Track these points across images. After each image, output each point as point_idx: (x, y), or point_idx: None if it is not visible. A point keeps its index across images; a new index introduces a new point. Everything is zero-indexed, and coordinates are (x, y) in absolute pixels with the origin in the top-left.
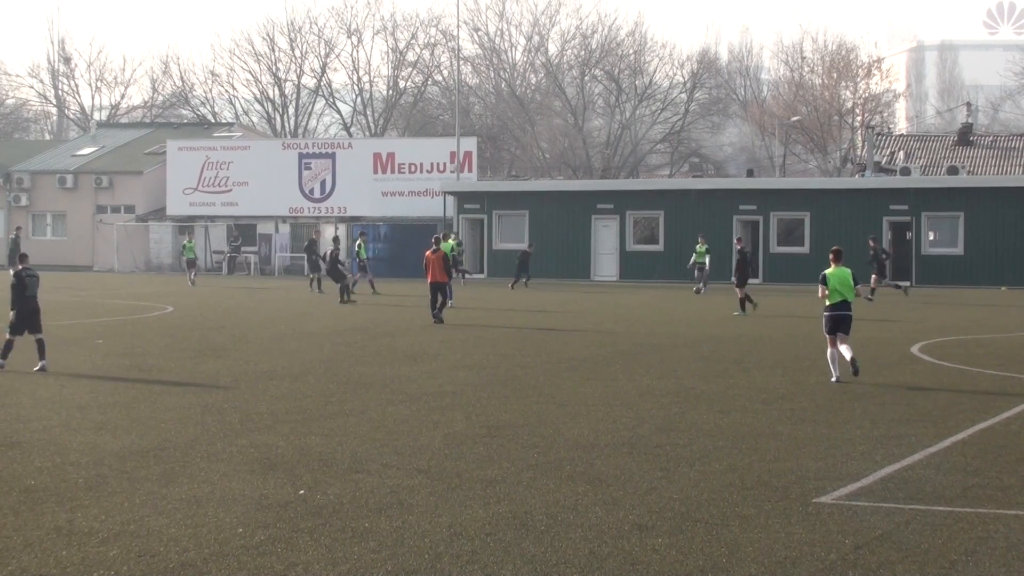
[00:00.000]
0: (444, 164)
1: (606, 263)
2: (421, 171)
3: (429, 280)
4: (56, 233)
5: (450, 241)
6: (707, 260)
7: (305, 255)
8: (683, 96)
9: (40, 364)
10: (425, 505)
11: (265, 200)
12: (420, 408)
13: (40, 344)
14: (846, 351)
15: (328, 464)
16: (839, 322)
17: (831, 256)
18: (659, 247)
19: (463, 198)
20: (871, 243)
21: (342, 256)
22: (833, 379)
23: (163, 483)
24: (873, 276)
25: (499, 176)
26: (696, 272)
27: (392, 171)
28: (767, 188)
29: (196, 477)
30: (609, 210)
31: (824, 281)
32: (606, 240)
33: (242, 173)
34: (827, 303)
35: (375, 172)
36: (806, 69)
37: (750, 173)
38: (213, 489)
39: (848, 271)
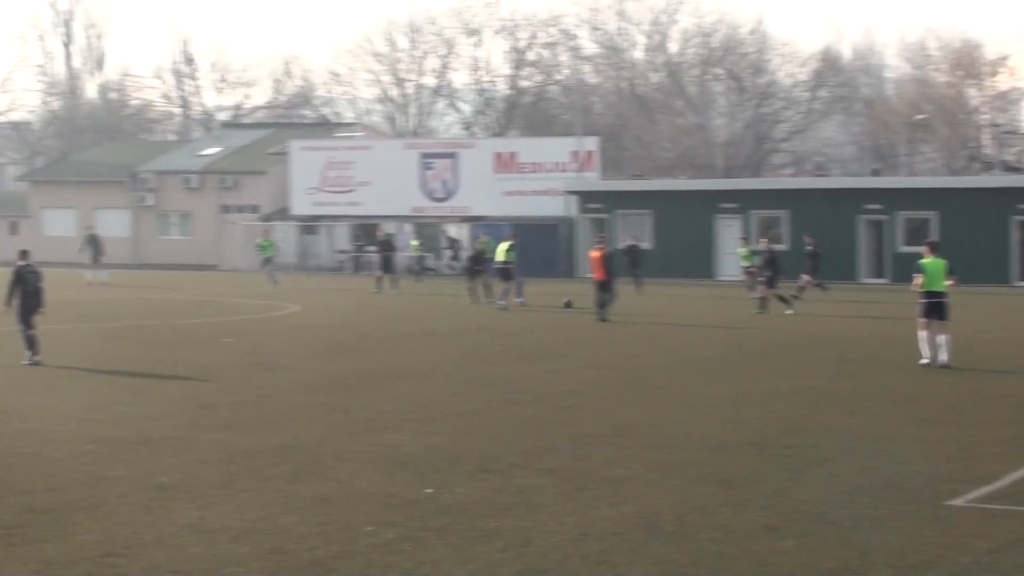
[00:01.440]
0: (566, 163)
1: (729, 262)
2: (543, 170)
3: (595, 279)
4: (182, 233)
5: (503, 244)
6: (753, 263)
7: (379, 254)
8: (806, 94)
9: (29, 358)
10: (552, 505)
11: (387, 200)
12: (546, 407)
13: (29, 339)
14: (944, 349)
15: (455, 463)
16: (933, 308)
17: (927, 248)
18: (783, 246)
19: (585, 197)
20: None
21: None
22: (924, 361)
23: (292, 481)
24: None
25: (621, 175)
26: (746, 276)
27: (514, 170)
28: (892, 187)
29: (324, 475)
30: (732, 209)
31: (920, 270)
32: (729, 239)
33: (364, 173)
34: (923, 290)
35: (497, 172)
36: (930, 67)
37: (875, 172)
38: (341, 487)
39: (943, 262)
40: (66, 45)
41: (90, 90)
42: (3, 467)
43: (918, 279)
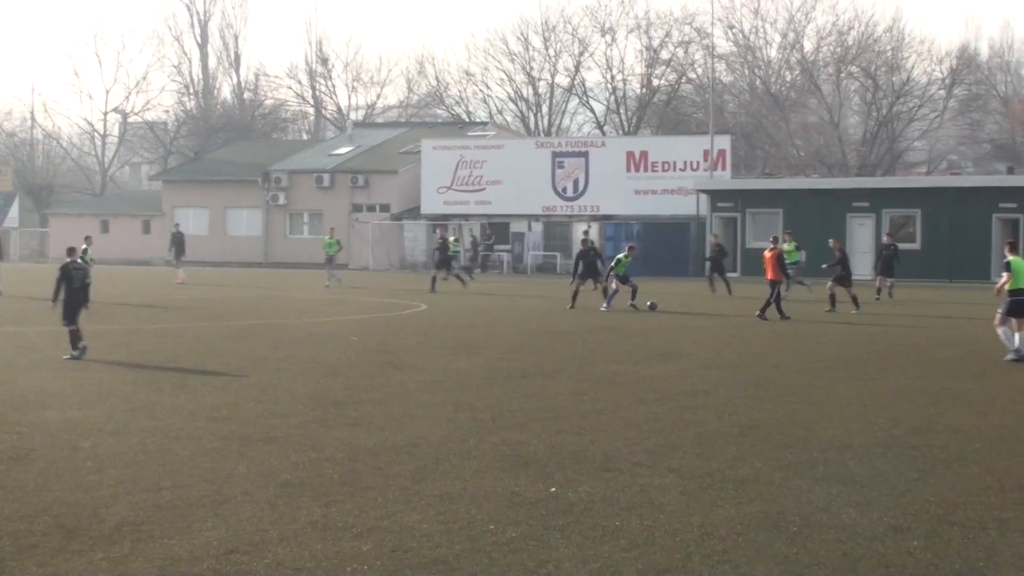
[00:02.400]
0: (697, 162)
1: (862, 262)
2: (674, 169)
3: (768, 279)
4: (313, 231)
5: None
6: (800, 257)
7: (436, 253)
8: (942, 92)
9: (70, 353)
10: (676, 504)
11: (518, 198)
12: (672, 407)
13: (72, 334)
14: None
15: (579, 462)
16: (1018, 306)
17: (1007, 248)
18: (916, 245)
19: (716, 196)
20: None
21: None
22: (1010, 356)
23: (416, 479)
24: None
25: (753, 174)
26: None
27: (645, 169)
28: None
29: (448, 473)
30: (865, 208)
31: (1008, 268)
32: (862, 238)
33: (495, 172)
34: (1008, 288)
35: (628, 170)
36: None
37: (1010, 170)
38: (465, 486)
39: None
40: (202, 46)
41: (225, 90)
42: (130, 464)
43: (1005, 277)
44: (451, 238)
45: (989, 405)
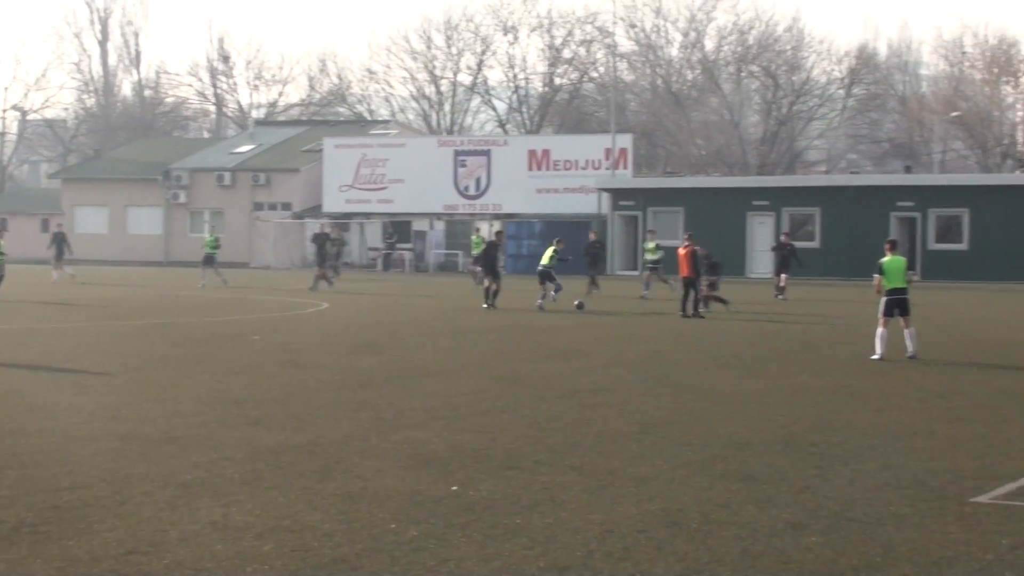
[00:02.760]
0: (599, 161)
1: (761, 260)
2: (576, 168)
3: (682, 275)
4: (214, 230)
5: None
6: (660, 256)
7: (316, 249)
8: (841, 92)
9: None
10: (577, 502)
11: (420, 197)
12: (573, 405)
13: None
14: (911, 341)
15: (481, 460)
16: (895, 305)
17: (887, 246)
18: (815, 244)
19: (618, 195)
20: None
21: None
22: (876, 356)
23: (317, 478)
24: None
25: (654, 173)
26: (647, 273)
27: (547, 168)
28: (925, 184)
29: (350, 472)
30: (765, 207)
31: (880, 269)
32: (762, 237)
33: (398, 170)
34: (886, 288)
35: (530, 169)
36: (966, 64)
37: (908, 169)
38: (367, 485)
39: (903, 259)
40: (102, 43)
41: (125, 88)
42: (29, 464)
43: (877, 279)
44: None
45: (886, 402)
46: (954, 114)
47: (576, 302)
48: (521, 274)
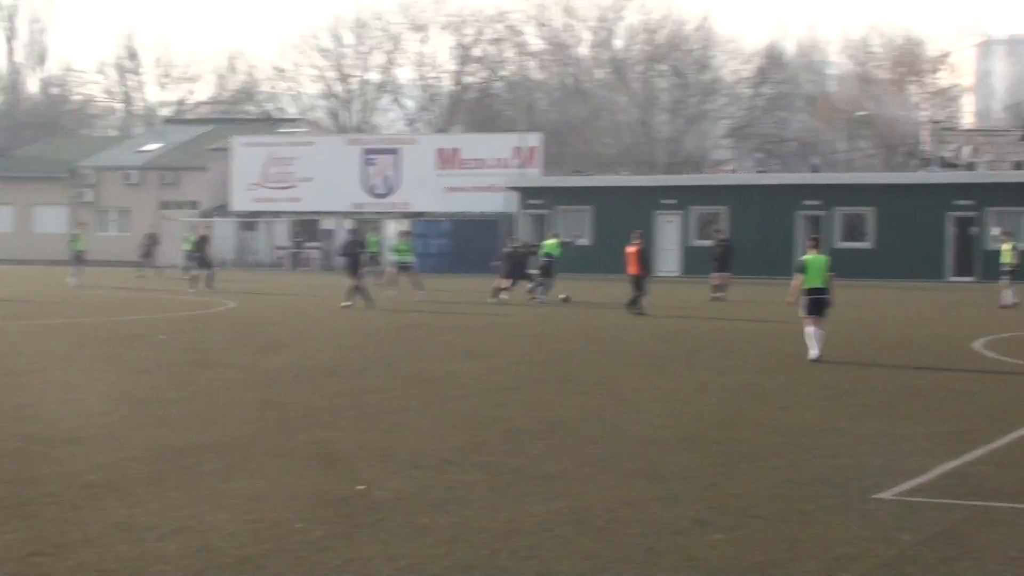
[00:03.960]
0: (508, 160)
1: (668, 258)
2: (485, 167)
3: (630, 273)
4: (121, 229)
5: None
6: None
7: (198, 252)
8: (749, 91)
9: None
10: (484, 501)
11: (329, 196)
12: (479, 403)
13: None
14: (820, 342)
15: (387, 459)
16: (815, 305)
17: (810, 244)
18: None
19: (527, 193)
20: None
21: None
22: (812, 356)
23: (223, 478)
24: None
25: (563, 172)
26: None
27: (456, 167)
28: (831, 183)
29: (256, 472)
30: (672, 205)
31: (801, 268)
32: (669, 235)
33: (306, 169)
34: (805, 287)
35: (439, 168)
36: (872, 64)
37: (814, 168)
38: (272, 484)
39: (825, 258)
40: (9, 40)
41: (31, 85)
42: None
43: (798, 278)
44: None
45: (791, 400)
46: (860, 113)
47: (562, 295)
48: (429, 273)
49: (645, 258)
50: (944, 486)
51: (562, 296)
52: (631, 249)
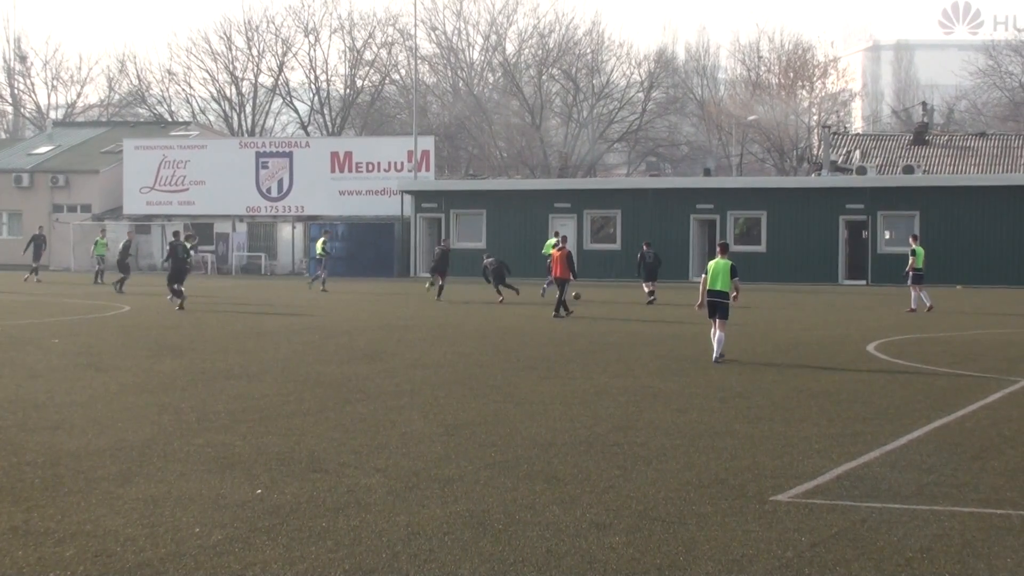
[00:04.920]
0: (402, 163)
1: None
2: (379, 170)
3: (555, 275)
4: (12, 232)
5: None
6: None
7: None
8: (640, 95)
9: None
10: (383, 504)
11: (222, 199)
12: (377, 407)
13: None
14: (719, 344)
15: (285, 463)
16: (712, 308)
17: (718, 248)
18: (616, 246)
19: (421, 197)
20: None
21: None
22: (716, 357)
23: (120, 483)
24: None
25: (456, 175)
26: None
27: (349, 170)
28: (724, 187)
29: (153, 477)
30: (566, 209)
31: (706, 271)
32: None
33: (199, 172)
34: (705, 289)
35: (332, 171)
36: (763, 69)
37: (707, 172)
38: (170, 489)
39: (728, 263)
40: None
41: None
42: None
43: (703, 279)
44: (100, 238)
45: (687, 402)
46: (751, 118)
47: (574, 293)
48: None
49: (571, 261)
50: (841, 488)
51: (574, 294)
52: (556, 252)
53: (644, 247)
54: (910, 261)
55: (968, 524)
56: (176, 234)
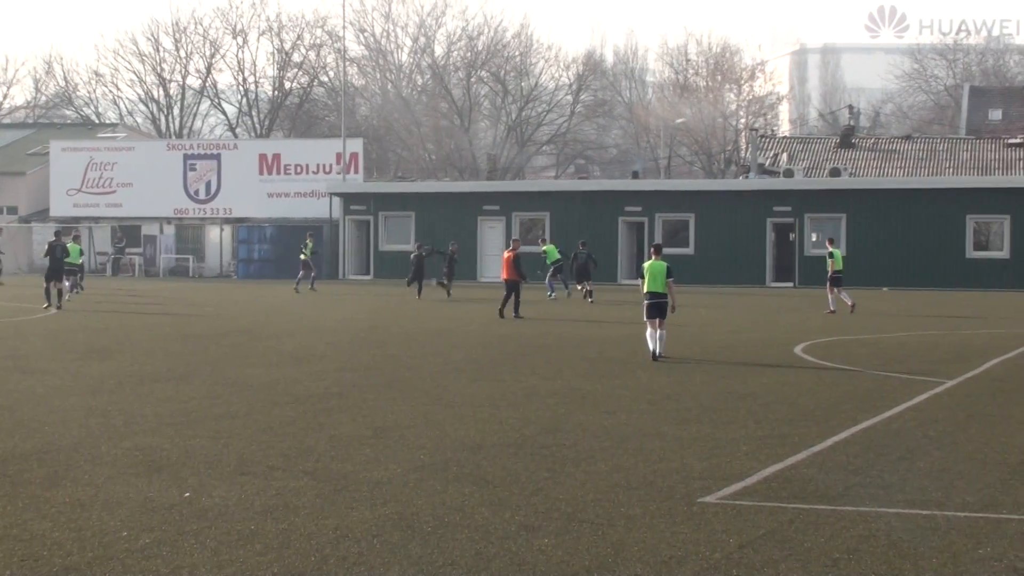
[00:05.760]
0: (330, 165)
1: (492, 264)
2: (307, 172)
3: (503, 278)
4: None
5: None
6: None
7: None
8: (569, 98)
9: None
10: (311, 507)
11: (150, 201)
12: (306, 410)
13: None
14: (659, 343)
15: (213, 466)
16: (653, 308)
17: (652, 250)
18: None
19: (349, 199)
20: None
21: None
22: (653, 354)
23: (46, 486)
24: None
25: (385, 177)
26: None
27: (278, 172)
28: (652, 190)
29: (80, 480)
30: (495, 211)
31: (642, 273)
32: (492, 241)
33: (127, 174)
34: (645, 291)
35: (261, 173)
36: (691, 72)
37: (635, 175)
38: (97, 492)
39: (664, 264)
40: None
41: None
42: None
43: (641, 282)
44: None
45: (616, 404)
46: (679, 120)
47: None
48: (253, 278)
49: (518, 263)
50: (768, 489)
51: (588, 289)
52: (506, 254)
53: (580, 246)
54: (829, 263)
55: (894, 525)
56: (57, 234)
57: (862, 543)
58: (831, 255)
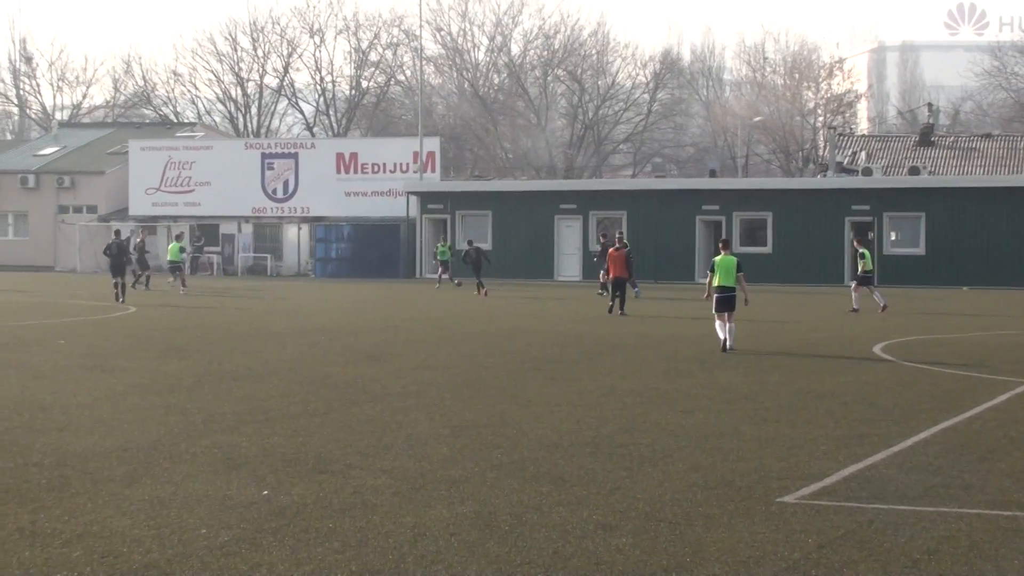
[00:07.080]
0: (407, 164)
1: (569, 263)
2: (384, 171)
3: (613, 275)
4: (18, 233)
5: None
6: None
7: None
8: (646, 96)
9: None
10: (389, 505)
11: (228, 200)
12: (383, 408)
13: None
14: (729, 336)
15: (292, 465)
16: (724, 302)
17: (720, 245)
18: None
19: (426, 198)
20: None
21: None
22: (724, 346)
23: (126, 484)
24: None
25: (462, 176)
26: (440, 269)
27: (355, 171)
28: (729, 188)
29: (159, 478)
30: (572, 210)
31: (712, 268)
32: (569, 240)
33: (205, 173)
34: (715, 286)
35: (338, 172)
36: (768, 70)
37: (712, 174)
38: (176, 490)
39: (734, 259)
40: None
41: None
42: None
43: (710, 277)
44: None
45: (693, 403)
46: (757, 119)
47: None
48: (331, 277)
49: (630, 259)
50: (847, 489)
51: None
52: (614, 252)
53: (467, 244)
54: (860, 264)
55: (975, 526)
56: (117, 233)
57: (942, 544)
58: (862, 255)
